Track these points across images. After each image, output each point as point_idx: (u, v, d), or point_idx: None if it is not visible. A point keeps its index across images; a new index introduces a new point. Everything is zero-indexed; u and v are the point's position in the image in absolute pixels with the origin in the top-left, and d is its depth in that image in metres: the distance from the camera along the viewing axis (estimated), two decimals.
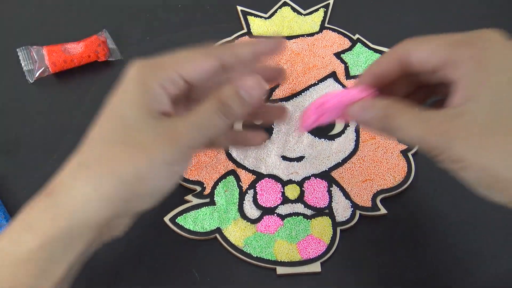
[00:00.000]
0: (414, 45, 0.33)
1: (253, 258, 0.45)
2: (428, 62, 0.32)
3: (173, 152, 0.33)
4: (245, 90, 0.34)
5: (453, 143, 0.30)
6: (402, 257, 0.45)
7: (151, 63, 0.35)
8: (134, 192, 0.33)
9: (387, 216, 0.47)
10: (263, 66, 0.38)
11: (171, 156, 0.33)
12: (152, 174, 0.33)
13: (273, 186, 0.47)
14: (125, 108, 0.34)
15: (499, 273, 0.44)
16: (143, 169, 0.32)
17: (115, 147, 0.33)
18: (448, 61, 0.31)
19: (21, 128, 0.51)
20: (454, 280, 0.44)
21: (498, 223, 0.46)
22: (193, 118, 0.33)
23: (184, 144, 0.33)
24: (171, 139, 0.33)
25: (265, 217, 0.46)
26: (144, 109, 0.34)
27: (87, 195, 0.33)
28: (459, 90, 0.31)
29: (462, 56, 0.31)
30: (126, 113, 0.34)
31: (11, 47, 0.55)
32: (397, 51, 0.34)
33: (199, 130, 0.33)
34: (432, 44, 0.32)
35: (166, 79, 0.34)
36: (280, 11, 0.57)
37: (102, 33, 0.55)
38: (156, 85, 0.34)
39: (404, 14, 0.58)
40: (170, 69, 0.35)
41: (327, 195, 0.47)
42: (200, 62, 0.35)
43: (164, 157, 0.33)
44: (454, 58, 0.31)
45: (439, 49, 0.32)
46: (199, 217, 0.46)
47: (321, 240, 0.45)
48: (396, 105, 0.33)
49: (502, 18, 0.59)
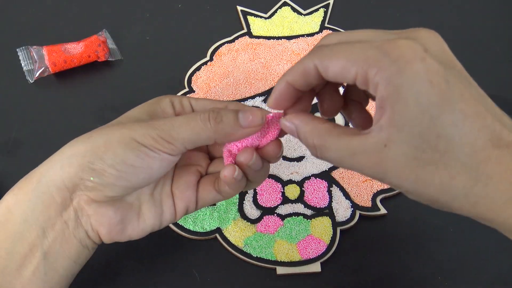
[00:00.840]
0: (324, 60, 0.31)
1: (253, 258, 0.45)
2: (344, 78, 0.31)
3: (142, 131, 0.35)
4: (243, 115, 0.36)
5: (387, 174, 0.30)
6: (402, 257, 0.45)
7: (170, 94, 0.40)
8: (98, 155, 0.35)
9: (387, 216, 0.47)
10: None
11: (139, 134, 0.35)
12: (116, 142, 0.35)
13: (273, 186, 0.47)
14: (132, 111, 0.38)
15: (499, 273, 0.44)
16: (112, 137, 0.35)
17: (106, 126, 0.37)
18: (364, 80, 0.30)
19: (21, 128, 0.51)
20: (454, 280, 0.44)
21: None
22: (179, 118, 0.36)
23: (155, 128, 0.35)
24: (147, 123, 0.36)
25: (265, 217, 0.46)
26: (147, 112, 0.38)
27: (61, 154, 0.36)
28: (381, 113, 0.30)
29: (378, 77, 0.29)
30: (130, 112, 0.38)
31: (11, 47, 0.55)
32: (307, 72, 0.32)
33: (177, 124, 0.36)
34: (342, 59, 0.30)
35: (177, 100, 0.39)
36: (280, 11, 0.57)
37: (102, 33, 0.55)
38: (167, 99, 0.39)
39: (404, 14, 0.58)
40: (184, 97, 0.39)
41: (327, 195, 0.47)
42: (210, 101, 0.39)
43: (132, 133, 0.35)
44: (370, 77, 0.29)
45: (352, 66, 0.30)
46: (199, 217, 0.46)
47: (321, 240, 0.45)
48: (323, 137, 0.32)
49: (502, 18, 0.59)
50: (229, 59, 0.54)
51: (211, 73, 0.53)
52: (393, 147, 0.29)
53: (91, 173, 0.35)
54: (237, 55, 0.54)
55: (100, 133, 0.36)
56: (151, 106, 0.39)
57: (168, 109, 0.39)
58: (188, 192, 0.39)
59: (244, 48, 0.55)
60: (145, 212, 0.38)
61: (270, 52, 0.54)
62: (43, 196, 0.35)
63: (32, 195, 0.35)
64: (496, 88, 0.54)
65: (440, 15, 0.59)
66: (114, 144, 0.35)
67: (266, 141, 0.37)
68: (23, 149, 0.50)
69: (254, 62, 0.54)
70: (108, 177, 0.35)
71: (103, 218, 0.36)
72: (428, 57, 0.29)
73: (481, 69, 0.55)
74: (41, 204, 0.35)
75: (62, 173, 0.35)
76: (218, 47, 0.55)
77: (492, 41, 0.57)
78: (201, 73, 0.53)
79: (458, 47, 0.57)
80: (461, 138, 0.29)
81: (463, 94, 0.29)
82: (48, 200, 0.35)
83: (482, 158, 0.29)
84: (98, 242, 0.37)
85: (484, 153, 0.29)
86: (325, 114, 0.37)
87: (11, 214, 0.35)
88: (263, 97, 0.52)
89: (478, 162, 0.29)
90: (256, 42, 0.55)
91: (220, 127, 0.36)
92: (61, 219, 0.35)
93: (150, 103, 0.39)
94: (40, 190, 0.35)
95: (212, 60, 0.54)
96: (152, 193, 0.39)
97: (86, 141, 0.35)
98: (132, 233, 0.38)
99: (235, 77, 0.53)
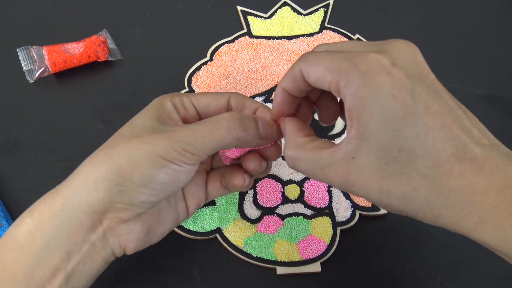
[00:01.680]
0: (307, 65, 0.32)
1: (253, 258, 0.45)
2: (322, 85, 0.32)
3: (165, 146, 0.34)
4: (262, 122, 0.37)
5: (353, 186, 0.31)
6: (402, 257, 0.45)
7: (171, 93, 0.39)
8: (125, 176, 0.34)
9: (387, 216, 0.47)
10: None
11: (164, 150, 0.34)
12: (143, 161, 0.34)
13: (273, 186, 0.47)
14: (139, 118, 0.37)
15: (499, 273, 0.44)
16: (135, 155, 0.34)
17: (120, 139, 0.35)
18: (337, 89, 0.31)
19: (21, 128, 0.51)
20: (454, 280, 0.44)
21: None
22: (203, 123, 0.36)
23: (178, 140, 0.35)
24: (168, 136, 0.35)
25: (265, 217, 0.46)
26: (155, 118, 0.37)
27: (84, 178, 0.34)
28: (350, 125, 0.31)
29: (346, 88, 0.30)
30: (139, 120, 0.37)
31: (11, 47, 0.55)
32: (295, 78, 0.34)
33: (199, 135, 0.35)
34: (321, 66, 0.31)
35: (179, 102, 0.39)
36: (280, 11, 0.57)
37: (102, 33, 0.55)
38: (169, 103, 0.38)
39: (404, 14, 0.58)
40: (185, 97, 0.39)
41: (327, 195, 0.47)
42: (212, 97, 0.40)
43: (156, 149, 0.34)
44: (340, 87, 0.30)
45: (328, 74, 0.31)
46: (199, 217, 0.46)
47: (321, 240, 0.45)
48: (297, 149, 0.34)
49: (501, 18, 0.59)
50: (229, 59, 0.54)
51: (211, 73, 0.53)
52: (359, 158, 0.30)
53: (122, 195, 0.34)
54: (237, 55, 0.54)
55: (120, 150, 0.35)
56: (157, 112, 0.38)
57: (173, 114, 0.38)
58: (199, 193, 0.41)
59: (244, 48, 0.55)
60: (164, 218, 0.39)
61: (270, 52, 0.54)
62: (70, 221, 0.34)
63: (57, 221, 0.34)
64: (496, 88, 0.54)
65: (440, 15, 0.59)
66: (140, 163, 0.34)
67: (265, 145, 0.38)
68: (23, 149, 0.50)
69: (254, 62, 0.54)
70: (140, 197, 0.35)
71: (131, 235, 0.37)
72: (396, 71, 0.29)
73: (481, 69, 0.56)
74: (67, 229, 0.34)
75: (90, 198, 0.34)
76: (218, 47, 0.55)
77: (492, 41, 0.57)
78: (201, 73, 0.53)
79: (458, 47, 0.57)
80: (423, 151, 0.29)
81: (429, 108, 0.29)
82: (75, 225, 0.34)
83: (444, 171, 0.29)
84: (121, 255, 0.37)
85: (447, 167, 0.29)
86: (322, 121, 0.38)
87: (32, 239, 0.34)
88: (263, 97, 0.52)
89: (440, 175, 0.29)
90: (256, 42, 0.55)
91: (244, 135, 0.36)
92: (89, 241, 0.35)
93: (155, 109, 0.38)
94: (65, 216, 0.34)
95: (212, 60, 0.54)
96: (169, 199, 0.39)
97: (108, 162, 0.34)
98: (153, 239, 0.39)
99: (235, 77, 0.53)
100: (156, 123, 0.37)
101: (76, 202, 0.34)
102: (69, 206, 0.34)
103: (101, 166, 0.34)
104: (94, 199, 0.34)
